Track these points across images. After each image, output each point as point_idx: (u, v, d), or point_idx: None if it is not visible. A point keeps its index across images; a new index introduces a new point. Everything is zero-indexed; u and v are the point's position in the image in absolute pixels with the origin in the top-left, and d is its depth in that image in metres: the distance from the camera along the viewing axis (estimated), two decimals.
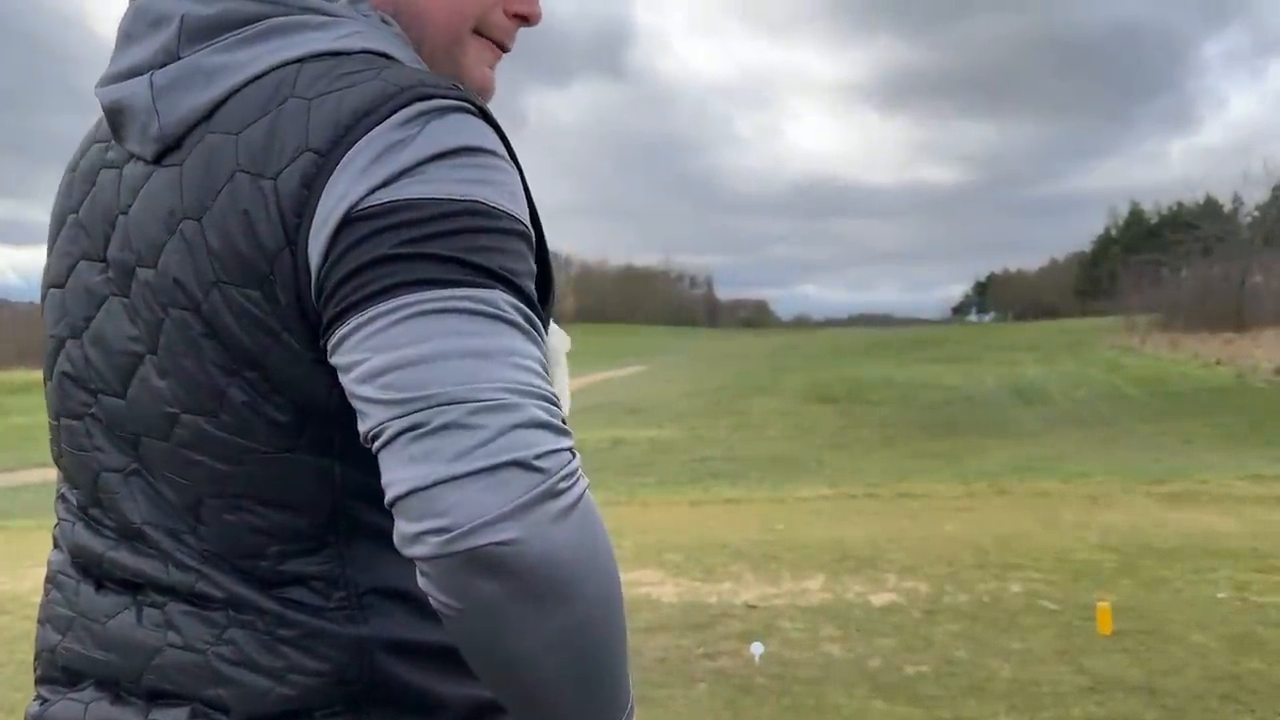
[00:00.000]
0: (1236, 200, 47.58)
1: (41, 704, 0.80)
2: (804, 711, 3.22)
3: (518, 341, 0.60)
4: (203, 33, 0.69)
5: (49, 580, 0.83)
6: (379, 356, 0.59)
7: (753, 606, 4.46)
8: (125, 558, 0.74)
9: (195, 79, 0.68)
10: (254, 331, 0.65)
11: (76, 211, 0.76)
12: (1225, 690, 3.27)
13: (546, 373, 0.61)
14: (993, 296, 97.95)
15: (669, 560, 5.45)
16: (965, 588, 4.66)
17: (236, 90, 0.67)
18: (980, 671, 3.51)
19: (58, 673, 0.79)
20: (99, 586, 0.77)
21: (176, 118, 0.68)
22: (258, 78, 0.67)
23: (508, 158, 0.66)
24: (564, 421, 0.60)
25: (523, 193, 0.66)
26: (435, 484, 0.56)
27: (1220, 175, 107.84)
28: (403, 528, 0.58)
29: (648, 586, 4.86)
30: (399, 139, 0.62)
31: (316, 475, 0.68)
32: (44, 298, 0.80)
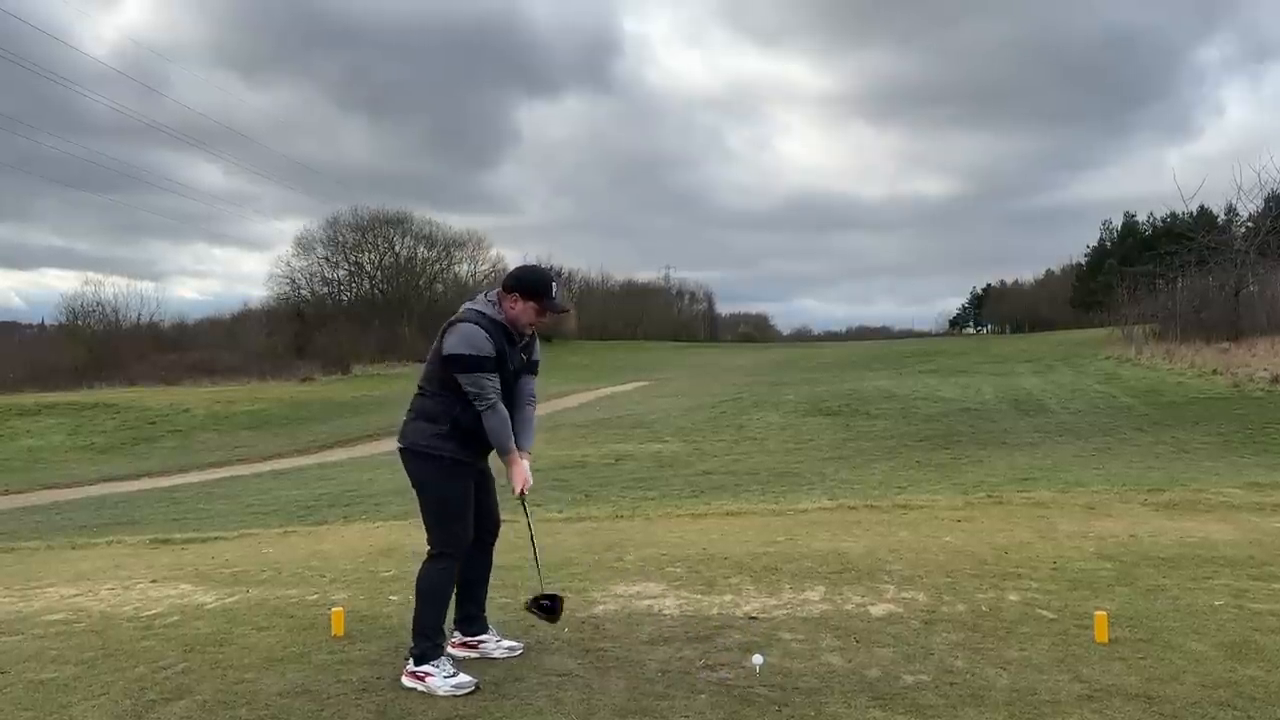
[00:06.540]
0: (1230, 211, 47.79)
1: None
2: None
3: (486, 380, 3.74)
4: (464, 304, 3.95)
5: None
6: (461, 377, 3.73)
7: (754, 618, 4.48)
8: (421, 385, 3.91)
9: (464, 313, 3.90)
10: (436, 365, 3.83)
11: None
12: (1223, 697, 3.30)
13: (492, 383, 3.76)
14: (989, 308, 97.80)
15: (671, 573, 5.47)
16: (964, 597, 4.69)
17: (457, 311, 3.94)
18: (978, 680, 3.53)
19: None
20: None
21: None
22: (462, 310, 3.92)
23: (481, 328, 3.73)
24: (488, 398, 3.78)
25: (485, 339, 3.71)
26: (476, 396, 3.74)
27: (1220, 184, 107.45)
28: (473, 400, 3.75)
29: (650, 599, 4.88)
30: (450, 329, 3.85)
31: (449, 389, 3.77)
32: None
